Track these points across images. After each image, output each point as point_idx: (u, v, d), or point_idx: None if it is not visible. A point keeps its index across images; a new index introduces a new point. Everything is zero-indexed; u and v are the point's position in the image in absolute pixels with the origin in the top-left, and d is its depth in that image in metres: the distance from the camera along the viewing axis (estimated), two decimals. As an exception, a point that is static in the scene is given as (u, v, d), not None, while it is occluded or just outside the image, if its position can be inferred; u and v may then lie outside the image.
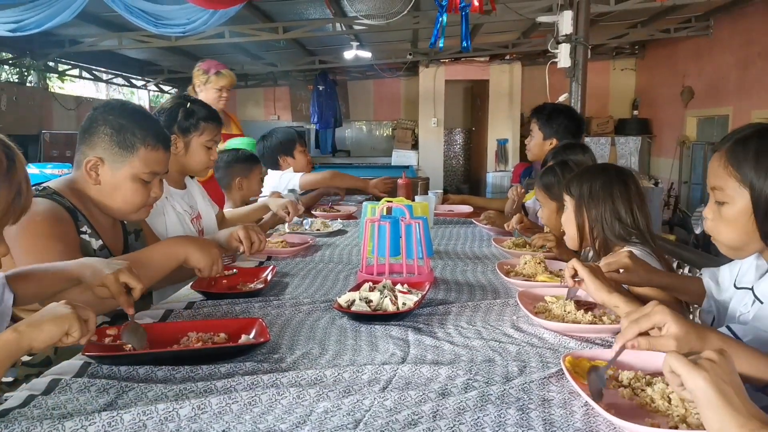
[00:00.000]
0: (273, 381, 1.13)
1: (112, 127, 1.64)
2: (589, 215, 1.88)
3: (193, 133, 2.25)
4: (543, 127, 3.24)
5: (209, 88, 3.58)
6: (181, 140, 2.24)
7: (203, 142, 2.28)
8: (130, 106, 1.78)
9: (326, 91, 10.41)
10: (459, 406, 1.03)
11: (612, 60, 10.27)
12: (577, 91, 4.99)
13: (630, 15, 7.34)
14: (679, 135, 8.61)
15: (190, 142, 2.26)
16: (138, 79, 9.69)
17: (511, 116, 9.83)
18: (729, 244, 1.29)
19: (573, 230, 1.94)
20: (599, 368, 1.07)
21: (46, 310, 1.03)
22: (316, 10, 6.53)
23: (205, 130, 2.27)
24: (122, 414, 0.98)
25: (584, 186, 1.90)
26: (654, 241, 1.85)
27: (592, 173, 1.95)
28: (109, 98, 7.14)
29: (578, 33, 4.85)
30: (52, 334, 1.01)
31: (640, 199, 1.88)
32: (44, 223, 1.49)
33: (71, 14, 4.90)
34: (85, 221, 1.63)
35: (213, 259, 1.65)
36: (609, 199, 1.86)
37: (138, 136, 1.66)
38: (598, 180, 1.89)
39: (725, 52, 7.47)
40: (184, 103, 2.28)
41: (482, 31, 7.54)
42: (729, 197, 1.24)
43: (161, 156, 1.72)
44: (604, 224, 1.85)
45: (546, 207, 2.45)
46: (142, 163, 1.66)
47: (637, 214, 1.85)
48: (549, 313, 1.52)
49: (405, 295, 1.60)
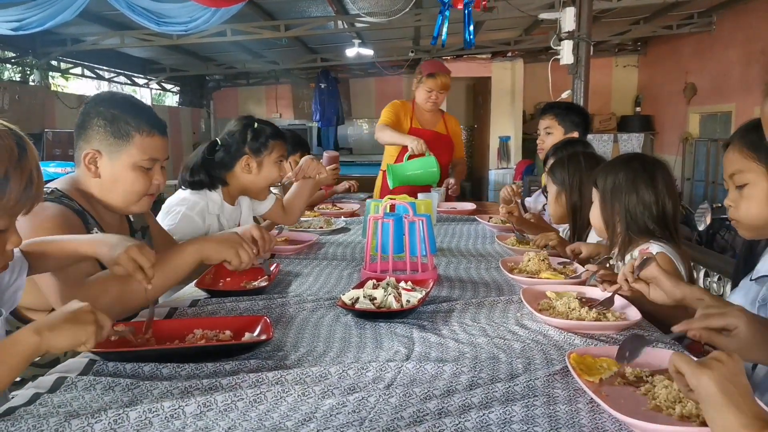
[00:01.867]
0: (278, 378, 1.13)
1: (105, 118, 1.64)
2: (614, 209, 1.85)
3: (264, 152, 2.29)
4: (563, 122, 3.21)
5: (420, 88, 3.81)
6: (253, 160, 2.27)
7: (274, 159, 2.32)
8: (120, 96, 1.79)
9: (328, 89, 10.39)
10: (464, 403, 1.03)
11: (614, 57, 10.23)
12: (579, 88, 4.98)
13: (632, 11, 7.31)
14: (681, 132, 8.58)
15: (263, 162, 2.29)
16: (140, 77, 9.69)
17: (514, 113, 9.80)
18: (753, 223, 1.35)
19: (599, 224, 1.93)
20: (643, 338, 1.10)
21: (69, 313, 1.03)
22: (317, 8, 6.52)
23: (275, 148, 2.31)
24: (128, 412, 0.98)
25: (609, 178, 1.87)
26: (679, 238, 1.83)
27: (617, 165, 1.91)
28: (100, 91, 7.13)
29: (581, 30, 4.84)
30: (71, 341, 1.01)
31: (669, 191, 1.83)
32: (54, 229, 1.48)
33: (73, 13, 4.89)
34: (94, 223, 1.62)
35: (234, 246, 1.60)
36: (633, 192, 1.81)
37: (132, 123, 1.65)
38: (622, 172, 1.85)
39: (728, 49, 7.44)
40: (251, 123, 2.31)
41: (484, 28, 7.52)
42: (749, 178, 1.33)
43: (158, 141, 1.70)
44: (628, 218, 1.81)
45: (549, 191, 2.47)
46: (138, 151, 1.65)
47: (666, 208, 1.81)
48: (553, 310, 1.52)
49: (409, 293, 1.60)
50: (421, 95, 3.83)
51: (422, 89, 3.80)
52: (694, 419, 0.96)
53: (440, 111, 3.99)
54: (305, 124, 10.90)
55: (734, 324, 1.07)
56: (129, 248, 1.30)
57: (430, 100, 3.80)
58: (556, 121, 3.22)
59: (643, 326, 1.45)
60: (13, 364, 0.96)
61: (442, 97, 3.83)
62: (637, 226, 1.80)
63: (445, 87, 3.77)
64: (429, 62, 3.99)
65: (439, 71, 3.76)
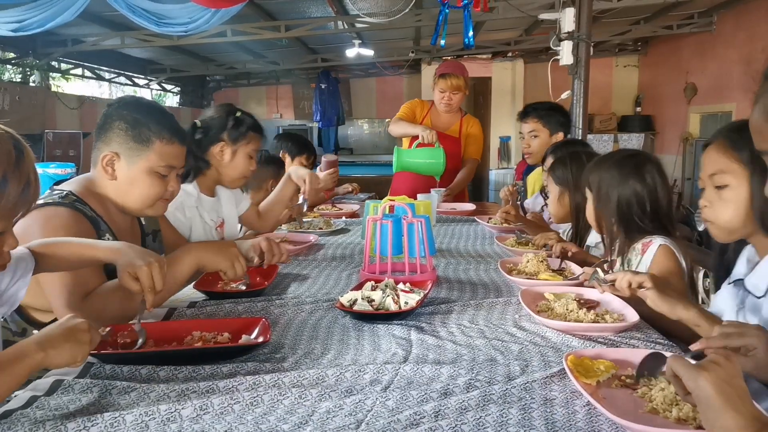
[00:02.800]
0: (275, 381, 1.13)
1: (127, 122, 1.65)
2: (607, 206, 1.84)
3: (241, 141, 2.29)
4: (548, 123, 3.20)
5: (435, 89, 3.85)
6: (228, 148, 2.27)
7: (249, 151, 2.32)
8: (145, 102, 1.79)
9: (328, 89, 10.39)
10: (461, 405, 1.03)
11: (614, 57, 10.22)
12: (579, 88, 4.97)
13: (632, 11, 7.31)
14: (682, 132, 8.58)
15: (237, 151, 2.29)
16: (140, 78, 9.69)
17: (514, 114, 9.64)
18: (726, 226, 1.33)
19: (595, 224, 1.93)
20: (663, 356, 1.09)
21: (68, 330, 1.03)
22: (318, 8, 6.52)
23: (252, 140, 2.32)
24: (125, 414, 0.98)
25: (599, 176, 1.86)
26: (675, 231, 1.82)
27: (606, 163, 1.89)
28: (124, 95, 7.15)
29: (581, 30, 4.83)
30: (69, 360, 1.02)
31: (661, 185, 1.82)
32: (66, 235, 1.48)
33: (74, 14, 4.90)
34: (106, 229, 1.62)
35: (231, 259, 1.64)
36: (625, 187, 1.80)
37: (153, 130, 1.66)
38: (613, 170, 1.84)
39: (728, 49, 7.43)
40: (233, 111, 2.31)
41: (484, 28, 7.52)
42: (729, 180, 1.30)
43: (177, 150, 1.72)
44: (621, 214, 1.81)
45: (551, 191, 2.46)
46: (157, 157, 1.66)
47: (660, 201, 1.81)
48: (551, 312, 1.52)
49: (407, 294, 1.60)
50: (435, 96, 3.86)
51: (436, 90, 3.83)
52: (691, 422, 0.96)
53: (460, 113, 3.97)
54: (306, 124, 10.90)
55: (754, 344, 1.05)
56: (152, 264, 1.31)
57: (443, 101, 3.81)
58: (540, 124, 3.20)
59: (641, 328, 1.45)
60: (18, 376, 0.97)
61: (456, 98, 3.82)
62: (632, 222, 1.80)
63: (456, 88, 3.76)
64: (445, 63, 4.03)
65: (451, 72, 3.77)
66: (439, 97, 3.82)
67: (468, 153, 3.97)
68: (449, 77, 3.74)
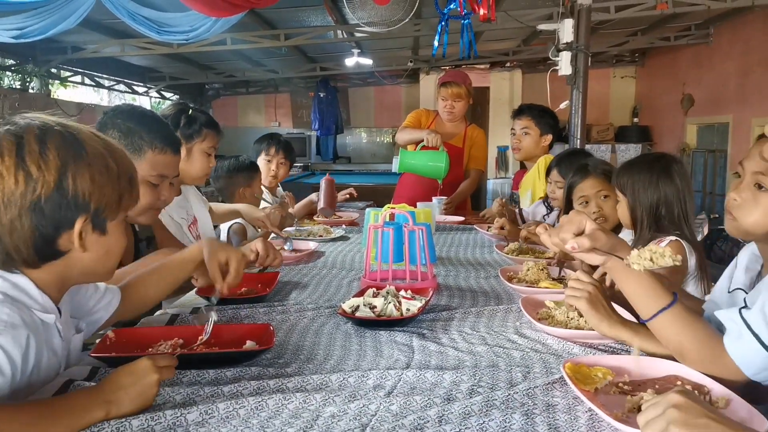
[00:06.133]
0: (279, 386, 1.14)
1: (120, 131, 1.66)
2: (637, 207, 1.90)
3: (196, 139, 2.28)
4: (539, 123, 3.29)
5: (438, 98, 3.89)
6: (183, 146, 2.25)
7: (204, 148, 2.31)
8: (139, 110, 1.80)
9: (327, 98, 10.43)
10: (464, 411, 1.04)
11: (612, 68, 10.29)
12: (577, 99, 5.01)
13: (630, 23, 7.37)
14: (679, 142, 8.62)
15: (192, 149, 2.28)
16: (140, 85, 9.71)
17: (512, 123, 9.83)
18: (748, 229, 1.26)
19: (628, 221, 1.97)
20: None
21: (137, 382, 1.01)
22: (317, 17, 6.56)
23: (207, 137, 2.31)
24: (130, 419, 0.99)
25: (629, 178, 1.93)
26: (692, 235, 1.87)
27: (637, 165, 1.97)
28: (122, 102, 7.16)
29: (579, 41, 4.87)
30: (137, 410, 1.01)
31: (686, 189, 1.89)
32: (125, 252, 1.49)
33: (75, 21, 4.92)
34: None
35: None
36: (656, 192, 1.87)
37: (145, 139, 1.67)
38: (643, 172, 1.91)
39: (725, 60, 7.49)
40: (185, 109, 2.30)
41: (483, 38, 7.56)
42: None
43: (169, 159, 1.73)
44: (649, 216, 1.88)
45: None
46: (149, 166, 1.67)
47: (685, 205, 1.87)
48: (552, 319, 1.53)
49: (409, 301, 1.61)
50: (439, 105, 3.90)
51: (439, 99, 3.87)
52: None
53: (464, 123, 3.98)
54: (304, 132, 10.93)
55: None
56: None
57: (446, 110, 3.84)
58: (533, 122, 3.31)
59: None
60: (72, 429, 0.94)
61: (458, 105, 3.83)
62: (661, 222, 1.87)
63: (458, 96, 3.78)
64: (447, 72, 4.08)
65: (452, 80, 3.79)
66: (442, 105, 3.85)
67: (471, 163, 3.98)
68: (450, 86, 3.77)
